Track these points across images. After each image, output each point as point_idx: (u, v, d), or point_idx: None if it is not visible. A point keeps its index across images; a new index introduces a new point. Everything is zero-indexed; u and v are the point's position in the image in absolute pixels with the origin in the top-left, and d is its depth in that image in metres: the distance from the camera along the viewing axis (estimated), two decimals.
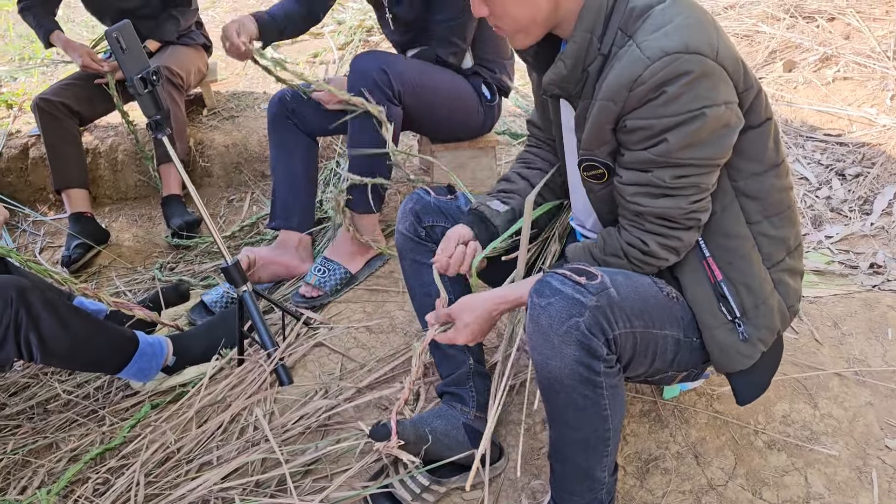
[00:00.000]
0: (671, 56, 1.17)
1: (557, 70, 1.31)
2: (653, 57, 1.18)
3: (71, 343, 1.75)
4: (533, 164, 1.67)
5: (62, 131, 2.87)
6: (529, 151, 1.70)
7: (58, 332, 1.71)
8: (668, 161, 1.24)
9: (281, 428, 1.78)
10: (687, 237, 1.32)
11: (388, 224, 2.59)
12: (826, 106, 3.24)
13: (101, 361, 1.86)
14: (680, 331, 1.35)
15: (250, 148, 3.23)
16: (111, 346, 1.87)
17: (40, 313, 1.69)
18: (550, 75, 1.33)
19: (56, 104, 2.84)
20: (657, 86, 1.19)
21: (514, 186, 1.63)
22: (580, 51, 1.28)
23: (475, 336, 1.43)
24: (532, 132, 1.71)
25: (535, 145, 1.70)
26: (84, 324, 1.79)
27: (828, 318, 2.03)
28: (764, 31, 3.85)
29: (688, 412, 1.75)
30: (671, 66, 1.17)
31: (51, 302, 1.73)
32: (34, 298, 1.69)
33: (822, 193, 2.74)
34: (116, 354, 1.88)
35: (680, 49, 1.17)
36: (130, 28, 1.70)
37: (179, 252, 2.83)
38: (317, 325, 2.15)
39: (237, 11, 4.73)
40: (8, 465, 1.82)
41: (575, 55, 1.29)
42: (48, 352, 1.71)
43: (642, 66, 1.19)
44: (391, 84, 2.18)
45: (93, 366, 1.89)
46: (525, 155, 1.70)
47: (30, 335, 1.68)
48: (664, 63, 1.17)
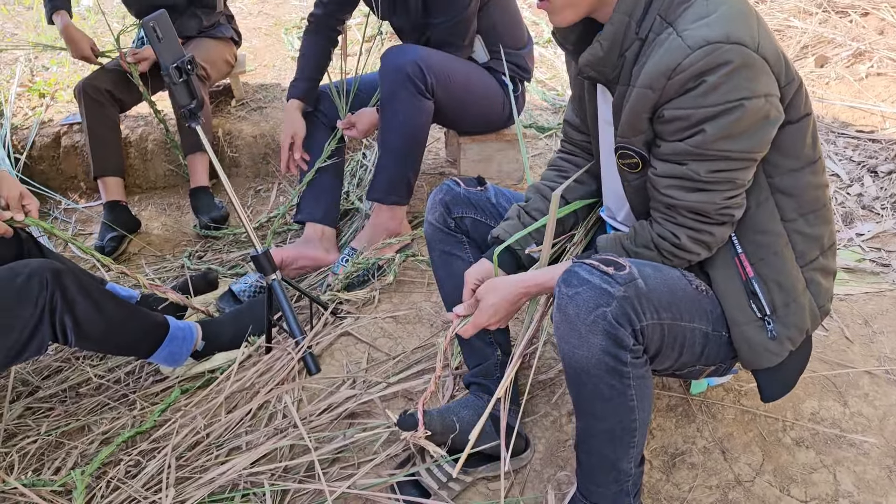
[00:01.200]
0: (712, 45, 1.16)
1: (594, 51, 1.31)
2: (693, 45, 1.17)
3: (105, 326, 1.77)
4: (566, 172, 1.65)
5: (104, 118, 2.89)
6: (563, 158, 1.69)
7: (92, 316, 1.74)
8: (705, 153, 1.23)
9: (309, 416, 1.80)
10: (719, 232, 1.31)
11: (414, 216, 2.60)
12: (859, 102, 3.19)
13: (134, 345, 1.89)
14: (709, 324, 1.34)
15: (278, 139, 3.25)
16: (143, 329, 1.89)
17: (75, 296, 1.71)
18: (587, 56, 1.32)
19: (101, 90, 2.86)
20: (697, 75, 1.18)
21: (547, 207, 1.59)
22: (618, 33, 1.27)
23: (498, 317, 1.43)
24: (567, 133, 1.68)
25: (569, 151, 1.68)
26: (118, 308, 1.82)
27: (858, 315, 2.01)
28: (796, 25, 3.80)
29: (715, 407, 1.74)
30: (712, 56, 1.16)
31: (85, 285, 1.75)
32: (69, 282, 1.71)
33: (853, 190, 2.70)
34: (148, 338, 1.91)
35: (721, 39, 1.16)
36: (167, 18, 1.72)
37: (208, 241, 2.86)
38: (344, 314, 2.16)
39: (265, 3, 4.76)
40: (42, 447, 1.85)
41: (612, 37, 1.28)
42: (83, 335, 1.73)
43: (682, 54, 1.18)
44: (424, 77, 2.19)
45: (125, 349, 1.92)
46: (559, 161, 1.69)
47: (65, 318, 1.70)
48: (705, 52, 1.16)
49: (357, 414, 1.82)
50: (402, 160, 2.28)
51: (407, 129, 2.24)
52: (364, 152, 3.12)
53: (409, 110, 2.22)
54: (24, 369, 2.14)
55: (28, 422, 1.96)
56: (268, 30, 4.34)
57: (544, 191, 1.62)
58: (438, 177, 2.94)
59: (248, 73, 3.72)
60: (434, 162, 3.06)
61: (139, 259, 2.80)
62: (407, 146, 2.27)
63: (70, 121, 3.35)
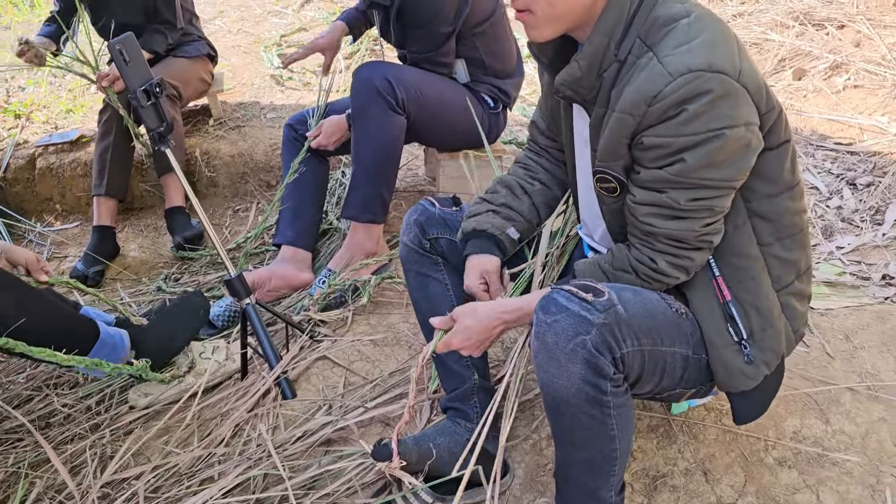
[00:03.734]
0: (694, 73, 1.15)
1: (571, 71, 1.29)
2: (675, 73, 1.16)
3: (26, 324, 1.72)
4: (535, 173, 1.64)
5: (125, 138, 2.85)
6: (531, 158, 1.67)
7: (12, 313, 1.70)
8: (684, 182, 1.21)
9: (284, 443, 1.76)
10: (698, 257, 1.30)
11: (393, 235, 2.58)
12: (836, 114, 3.21)
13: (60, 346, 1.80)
14: (689, 348, 1.32)
15: (256, 158, 3.22)
16: (71, 332, 1.85)
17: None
18: (564, 75, 1.30)
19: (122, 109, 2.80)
20: (677, 103, 1.16)
21: (519, 205, 1.60)
22: (596, 53, 1.26)
23: (470, 342, 1.39)
24: (534, 136, 1.66)
25: (537, 152, 1.67)
26: (43, 307, 1.79)
27: (839, 330, 2.00)
28: (773, 38, 3.82)
29: (696, 427, 1.72)
30: (693, 84, 1.15)
31: (7, 282, 1.73)
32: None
33: (832, 203, 2.71)
34: (76, 342, 1.85)
35: (703, 67, 1.15)
36: (134, 40, 1.69)
37: (184, 263, 2.82)
38: (321, 337, 2.13)
39: (244, 21, 4.74)
40: (8, 479, 1.80)
41: (591, 57, 1.26)
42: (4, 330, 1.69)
43: (663, 81, 1.16)
44: (395, 92, 2.18)
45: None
46: (527, 161, 1.67)
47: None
48: (686, 80, 1.15)
49: (333, 441, 1.78)
50: (374, 177, 2.26)
51: (379, 144, 2.22)
52: (343, 170, 3.09)
53: (380, 125, 2.20)
54: None
55: None
56: (247, 48, 4.32)
57: (513, 186, 1.62)
58: (418, 195, 2.91)
59: (226, 92, 3.70)
60: (413, 180, 3.04)
61: (115, 283, 2.75)
62: (379, 162, 2.25)
63: (45, 142, 3.31)
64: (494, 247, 1.56)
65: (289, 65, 2.57)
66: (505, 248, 1.57)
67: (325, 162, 2.57)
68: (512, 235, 1.57)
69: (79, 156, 3.24)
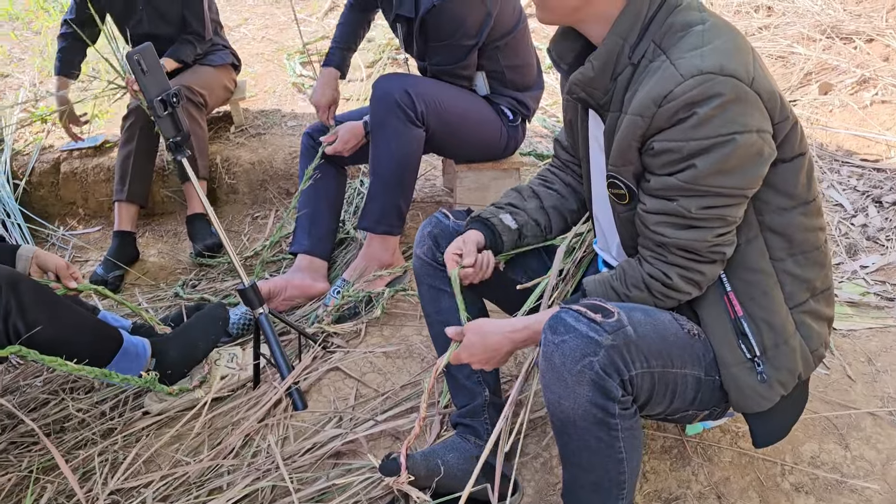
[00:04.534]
0: (705, 76, 1.13)
1: (585, 71, 1.28)
2: (686, 74, 1.15)
3: (55, 334, 1.76)
4: (551, 183, 1.64)
5: (151, 143, 2.90)
6: (550, 171, 1.67)
7: (44, 323, 1.73)
8: (695, 189, 1.19)
9: (292, 455, 1.75)
10: (710, 271, 1.27)
11: (409, 246, 2.57)
12: (863, 130, 3.15)
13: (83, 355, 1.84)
14: (701, 370, 1.30)
15: (276, 165, 3.23)
16: (96, 340, 1.87)
17: (29, 303, 1.72)
18: (577, 75, 1.30)
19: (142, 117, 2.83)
20: (687, 104, 1.15)
21: (523, 204, 1.61)
22: (610, 55, 1.25)
23: (475, 359, 1.39)
24: (557, 152, 1.67)
25: (559, 167, 1.67)
26: (71, 316, 1.81)
27: (861, 353, 1.95)
28: (799, 52, 3.77)
29: (711, 449, 1.69)
30: (704, 86, 1.13)
31: (40, 293, 1.76)
32: (24, 288, 1.72)
33: (857, 221, 2.65)
34: (100, 350, 1.88)
35: (714, 70, 1.13)
36: (152, 51, 1.70)
37: (202, 269, 2.83)
38: (333, 348, 2.12)
39: (268, 28, 4.77)
40: (20, 482, 1.82)
41: (604, 58, 1.25)
42: (32, 339, 1.72)
43: (674, 82, 1.15)
44: (414, 105, 2.17)
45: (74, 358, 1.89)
46: (545, 173, 1.67)
47: (17, 323, 1.70)
48: (697, 81, 1.14)
49: (342, 453, 1.77)
50: (392, 188, 2.26)
51: (397, 157, 2.22)
52: (361, 179, 3.10)
53: (399, 138, 2.20)
54: (9, 402, 2.11)
55: (10, 457, 1.92)
56: (270, 55, 4.35)
57: (522, 189, 1.64)
58: (435, 206, 2.91)
59: (248, 99, 3.72)
60: (431, 190, 3.04)
61: (133, 287, 2.78)
62: (397, 174, 2.25)
63: (70, 147, 3.35)
64: (482, 226, 1.57)
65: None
66: (494, 229, 1.56)
67: (342, 171, 2.58)
68: (505, 221, 1.57)
69: (102, 161, 3.28)
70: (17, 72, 4.32)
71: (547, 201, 1.62)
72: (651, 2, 1.23)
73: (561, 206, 1.63)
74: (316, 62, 4.23)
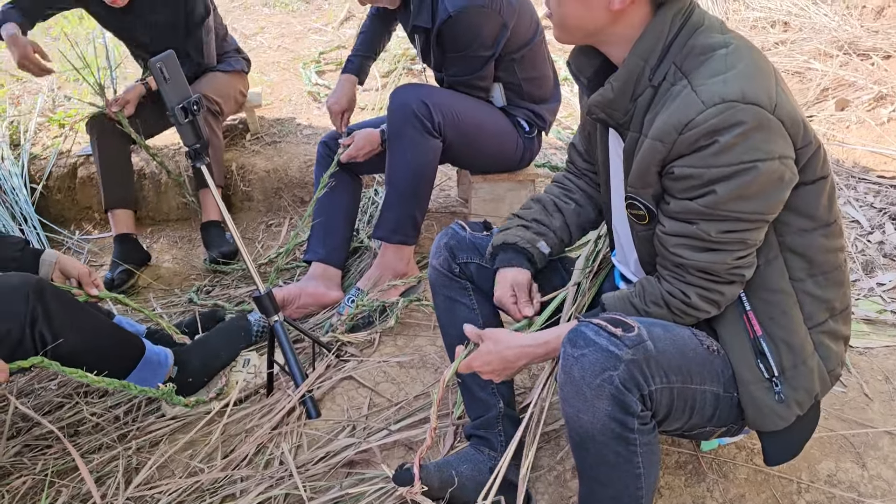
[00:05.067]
0: (727, 104, 1.13)
1: (605, 93, 1.28)
2: (708, 102, 1.14)
3: (80, 342, 1.77)
4: (571, 192, 1.64)
5: (115, 150, 2.90)
6: (568, 178, 1.67)
7: (69, 331, 1.75)
8: (715, 214, 1.19)
9: (306, 463, 1.75)
10: (729, 291, 1.27)
11: (423, 256, 2.57)
12: (880, 147, 3.13)
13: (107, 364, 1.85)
14: (720, 386, 1.29)
15: (291, 174, 3.25)
16: (120, 349, 1.89)
17: (55, 311, 1.73)
18: (597, 97, 1.30)
19: (112, 122, 2.85)
20: (709, 132, 1.14)
21: (549, 221, 1.60)
22: (630, 76, 1.25)
23: (490, 369, 1.39)
24: (572, 159, 1.67)
25: (576, 174, 1.67)
26: (94, 324, 1.83)
27: (878, 371, 1.94)
28: (816, 68, 3.76)
29: (727, 466, 1.67)
30: (725, 114, 1.13)
31: (65, 301, 1.78)
32: (50, 297, 1.74)
33: (874, 238, 2.64)
34: (123, 359, 1.90)
35: (737, 98, 1.13)
36: (174, 58, 1.72)
37: (217, 276, 2.84)
38: (347, 357, 2.13)
39: (284, 37, 4.81)
40: (35, 486, 1.82)
41: (624, 80, 1.25)
42: (57, 348, 1.74)
43: (696, 110, 1.15)
44: (431, 116, 2.18)
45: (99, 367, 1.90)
46: (564, 180, 1.67)
47: (44, 331, 1.72)
48: (719, 110, 1.13)
49: (355, 462, 1.77)
50: (408, 199, 2.26)
51: (414, 167, 2.23)
52: (376, 189, 3.11)
53: (416, 148, 2.21)
54: (24, 404, 2.12)
55: (24, 459, 1.93)
56: (286, 64, 4.38)
57: (546, 203, 1.62)
58: (449, 216, 2.91)
59: (263, 107, 3.75)
60: (445, 201, 3.04)
61: (147, 292, 2.79)
62: (413, 185, 2.25)
63: (87, 152, 3.38)
64: (525, 259, 1.55)
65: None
66: (535, 261, 1.56)
67: (358, 180, 2.59)
68: (543, 249, 1.56)
69: None
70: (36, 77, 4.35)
71: (570, 217, 1.61)
72: (672, 24, 1.23)
73: (582, 219, 1.63)
74: (331, 71, 4.26)
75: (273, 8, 5.37)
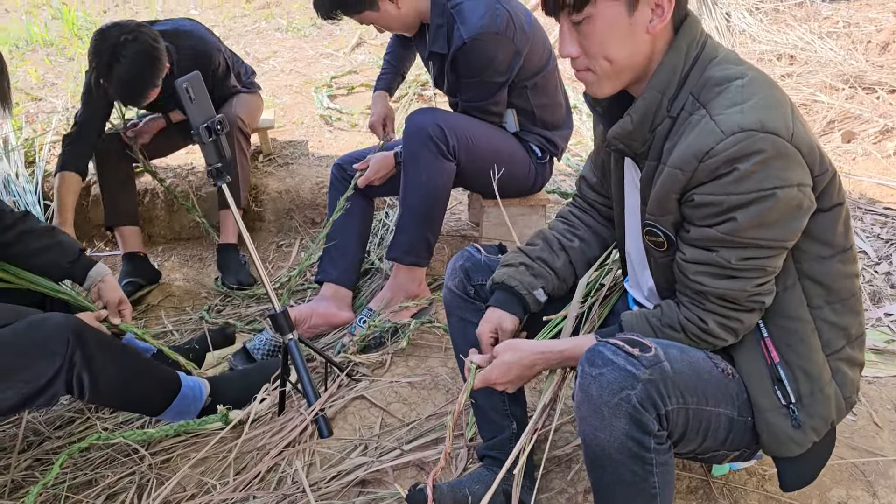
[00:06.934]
0: (746, 133, 1.15)
1: (624, 125, 1.31)
2: (727, 131, 1.17)
3: (120, 383, 1.78)
4: (576, 229, 1.64)
5: (116, 171, 2.93)
6: (573, 213, 1.67)
7: (109, 372, 1.75)
8: (735, 241, 1.21)
9: (318, 481, 1.76)
10: (748, 319, 1.28)
11: (434, 278, 2.59)
12: (886, 179, 3.17)
13: (146, 402, 1.88)
14: (734, 409, 1.30)
15: (302, 195, 3.28)
16: (156, 387, 1.90)
17: (94, 353, 1.72)
18: (616, 129, 1.32)
19: (113, 143, 2.89)
20: (728, 161, 1.17)
21: (553, 261, 1.58)
22: (649, 108, 1.27)
23: (509, 378, 1.40)
24: (582, 190, 1.67)
25: (581, 208, 1.68)
26: (134, 364, 1.83)
27: (888, 400, 1.95)
28: (822, 100, 3.81)
29: (738, 492, 1.68)
30: (744, 143, 1.15)
31: (104, 341, 1.77)
32: (89, 337, 1.73)
33: (881, 269, 2.66)
34: (160, 396, 1.91)
35: (755, 127, 1.15)
36: (200, 79, 1.75)
37: (228, 296, 2.86)
38: (359, 376, 2.14)
39: (296, 62, 4.88)
40: (47, 500, 1.82)
41: (643, 111, 1.28)
42: (97, 391, 1.74)
43: (715, 139, 1.17)
44: (446, 139, 2.22)
45: (137, 406, 1.92)
46: (569, 216, 1.67)
47: (82, 374, 1.71)
48: (738, 139, 1.16)
49: (368, 481, 1.78)
50: (422, 221, 2.29)
51: (428, 189, 2.26)
52: (387, 211, 3.14)
53: (430, 171, 2.24)
54: (35, 419, 2.13)
55: (36, 473, 1.94)
56: (298, 88, 4.44)
57: (551, 241, 1.61)
58: (460, 239, 2.94)
59: (276, 130, 3.79)
60: (456, 224, 3.07)
61: (158, 311, 2.81)
62: (427, 207, 2.28)
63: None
64: (518, 306, 1.55)
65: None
66: (528, 308, 1.56)
67: (370, 203, 2.62)
68: (539, 297, 1.56)
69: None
70: (51, 96, 4.43)
71: (574, 255, 1.61)
72: (687, 56, 1.26)
73: (586, 257, 1.63)
74: (343, 96, 4.32)
75: (285, 33, 5.45)
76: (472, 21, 2.17)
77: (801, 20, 4.84)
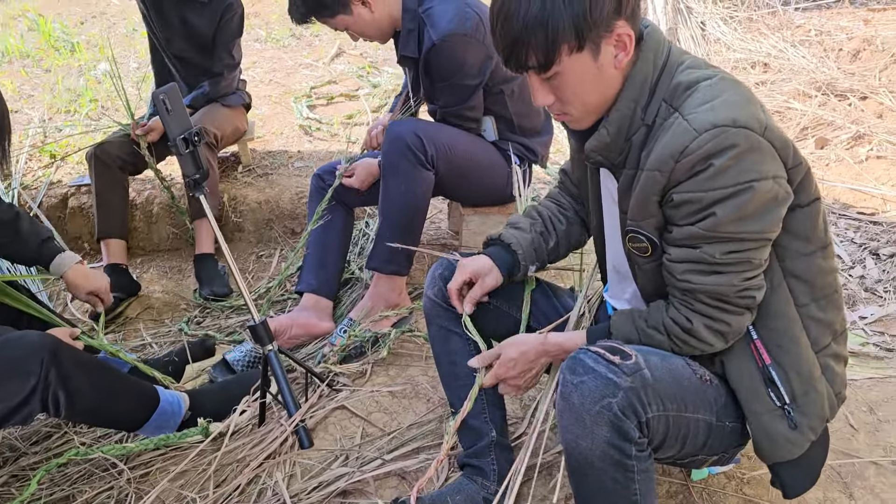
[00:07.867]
0: (719, 129, 1.18)
1: (600, 137, 1.32)
2: (700, 129, 1.19)
3: (97, 400, 1.76)
4: (565, 210, 1.68)
5: (114, 182, 2.94)
6: (562, 195, 1.71)
7: (85, 390, 1.73)
8: (717, 236, 1.23)
9: (300, 493, 1.75)
10: (736, 323, 1.29)
11: (415, 287, 2.59)
12: (859, 184, 3.22)
13: (124, 418, 1.86)
14: (712, 415, 1.31)
15: (282, 205, 3.27)
16: (134, 403, 1.88)
17: (70, 371, 1.70)
18: (593, 142, 1.34)
19: (112, 156, 2.90)
20: (704, 157, 1.19)
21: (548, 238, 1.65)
22: (623, 119, 1.29)
23: (516, 371, 1.45)
24: (564, 183, 1.71)
25: (567, 192, 1.71)
26: (111, 381, 1.81)
27: (863, 402, 1.98)
28: (795, 107, 3.87)
29: (717, 496, 1.69)
30: (718, 139, 1.17)
31: (80, 360, 1.75)
32: (64, 356, 1.71)
33: (855, 273, 2.70)
34: (138, 412, 1.89)
35: (727, 123, 1.18)
36: (177, 91, 1.76)
37: (207, 307, 2.84)
38: (339, 386, 2.13)
39: (276, 72, 4.87)
40: None
41: (618, 122, 1.30)
42: (74, 409, 1.72)
43: (689, 137, 1.19)
44: (425, 148, 2.22)
45: (114, 423, 1.90)
46: (559, 196, 1.71)
47: (58, 392, 1.69)
48: (712, 135, 1.18)
49: (349, 492, 1.77)
50: (401, 230, 2.29)
51: (407, 198, 2.26)
52: (367, 220, 3.14)
53: (409, 181, 2.25)
54: (11, 434, 2.10)
55: (12, 490, 1.91)
56: (277, 98, 4.43)
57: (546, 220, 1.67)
58: (440, 248, 2.94)
59: (255, 140, 3.78)
60: (436, 233, 3.08)
61: (137, 323, 2.78)
62: (407, 216, 2.29)
63: (78, 182, 3.39)
64: (508, 271, 1.61)
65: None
66: (513, 278, 1.62)
67: (350, 212, 2.62)
68: (528, 272, 1.63)
69: None
70: (27, 108, 4.39)
71: (562, 237, 1.66)
72: (654, 65, 1.28)
73: (572, 239, 1.68)
74: (322, 106, 4.32)
75: (264, 43, 5.45)
76: (441, 24, 2.19)
77: (774, 29, 4.92)
